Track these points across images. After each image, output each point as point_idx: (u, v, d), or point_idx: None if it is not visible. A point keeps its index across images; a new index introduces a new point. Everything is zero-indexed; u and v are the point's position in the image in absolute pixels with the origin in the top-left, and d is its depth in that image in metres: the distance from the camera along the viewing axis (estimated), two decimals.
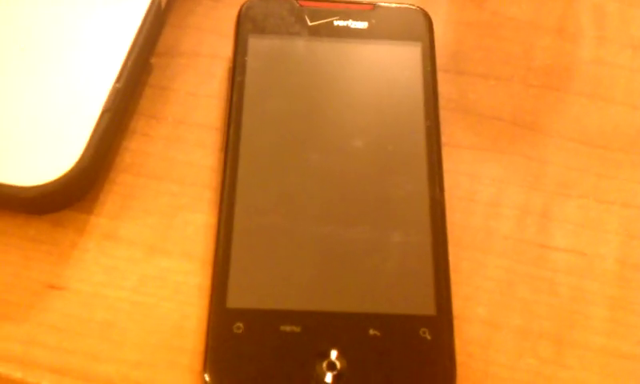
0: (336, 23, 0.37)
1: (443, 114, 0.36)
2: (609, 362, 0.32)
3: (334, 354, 0.29)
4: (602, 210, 0.35)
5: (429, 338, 0.30)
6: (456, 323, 0.31)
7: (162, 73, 0.38)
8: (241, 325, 0.30)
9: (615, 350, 0.32)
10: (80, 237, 0.33)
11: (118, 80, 0.34)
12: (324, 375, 0.29)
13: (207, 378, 0.29)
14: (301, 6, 0.37)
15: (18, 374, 0.30)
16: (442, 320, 0.30)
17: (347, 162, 0.34)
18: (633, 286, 0.33)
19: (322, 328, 0.30)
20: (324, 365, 0.29)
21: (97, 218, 0.34)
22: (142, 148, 0.36)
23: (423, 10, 0.38)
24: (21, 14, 0.36)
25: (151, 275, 0.33)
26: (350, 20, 0.37)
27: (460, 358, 0.31)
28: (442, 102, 0.37)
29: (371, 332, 0.30)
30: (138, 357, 0.31)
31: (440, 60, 0.38)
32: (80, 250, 0.33)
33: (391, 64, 0.36)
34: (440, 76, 0.37)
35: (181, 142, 0.36)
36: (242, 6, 0.37)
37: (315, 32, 0.37)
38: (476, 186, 0.36)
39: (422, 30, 0.37)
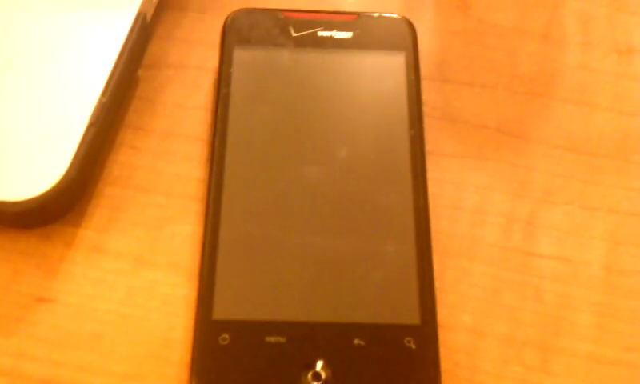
0: (320, 34, 0.37)
1: (428, 123, 0.37)
2: (595, 368, 0.32)
3: (319, 364, 0.30)
4: (587, 217, 0.35)
5: (413, 347, 0.30)
6: (441, 331, 0.31)
7: (149, 85, 0.38)
8: (227, 336, 0.30)
9: (601, 357, 0.32)
10: (68, 250, 0.34)
11: (104, 93, 0.35)
12: None
13: None
14: (285, 17, 0.38)
15: None
16: (426, 329, 0.31)
17: (332, 172, 0.34)
18: (619, 293, 0.34)
19: (308, 338, 0.30)
20: (309, 375, 0.29)
21: (85, 231, 0.34)
22: (129, 160, 0.36)
23: (407, 19, 0.38)
24: (6, 28, 0.36)
25: (139, 287, 0.33)
26: (334, 30, 0.37)
27: (446, 366, 0.31)
28: (427, 110, 0.37)
29: (356, 342, 0.30)
30: (126, 368, 0.31)
31: (425, 68, 0.39)
32: (68, 263, 0.33)
33: (375, 73, 0.36)
34: (425, 84, 0.38)
35: (168, 154, 0.36)
36: (227, 18, 0.38)
37: (300, 43, 0.37)
38: (461, 194, 0.36)
39: (406, 39, 0.37)
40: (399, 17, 0.38)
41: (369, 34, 0.37)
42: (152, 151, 0.36)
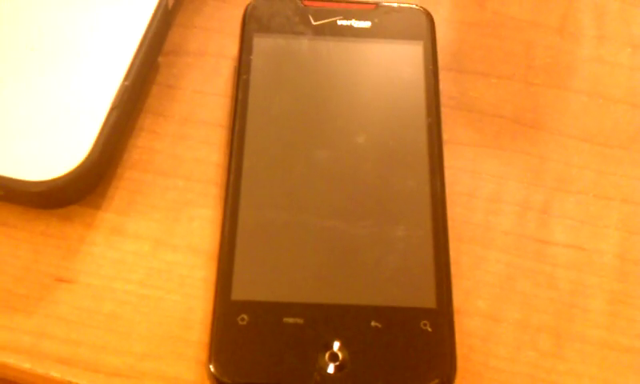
0: (339, 23, 0.38)
1: (445, 112, 0.37)
2: (608, 355, 0.32)
3: (336, 345, 0.30)
4: (601, 206, 0.36)
5: (430, 330, 0.30)
6: (456, 316, 0.32)
7: (169, 71, 0.39)
8: (245, 317, 0.30)
9: (614, 344, 0.32)
10: (88, 231, 0.34)
11: (127, 78, 0.35)
12: (326, 366, 0.29)
13: (212, 368, 0.29)
14: (305, 5, 0.38)
15: (26, 365, 0.31)
16: (442, 313, 0.31)
17: (350, 159, 0.34)
18: (632, 280, 0.34)
19: (325, 320, 0.30)
20: (326, 356, 0.30)
21: (105, 213, 0.35)
22: (149, 145, 0.37)
23: (425, 10, 0.38)
24: (31, 14, 0.37)
25: (158, 269, 0.33)
26: (353, 19, 0.38)
27: (460, 350, 0.31)
28: (443, 99, 0.37)
29: (373, 324, 0.30)
30: (145, 348, 0.32)
31: (442, 59, 0.39)
32: (88, 244, 0.34)
33: (394, 63, 0.37)
34: (442, 74, 0.38)
35: (187, 139, 0.37)
36: (247, 6, 0.38)
37: (319, 31, 0.37)
38: (477, 182, 0.36)
39: (424, 30, 0.38)
40: (417, 7, 0.38)
41: (387, 23, 0.38)
42: (171, 136, 0.37)
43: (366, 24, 0.38)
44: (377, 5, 0.38)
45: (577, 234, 0.35)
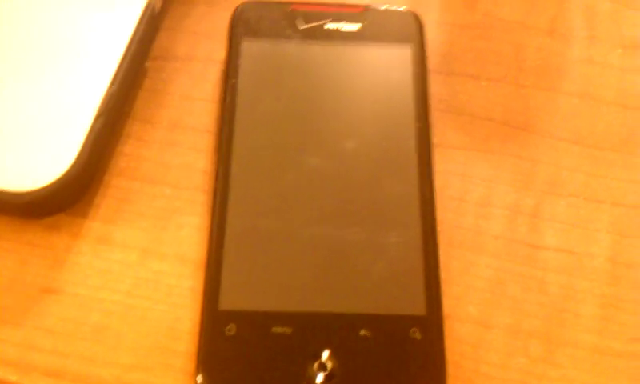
0: (327, 26, 0.37)
1: (435, 115, 0.37)
2: (599, 360, 0.32)
3: (325, 354, 0.30)
4: (592, 209, 0.35)
5: (419, 337, 0.30)
6: (447, 322, 0.31)
7: (156, 76, 0.39)
8: (233, 327, 0.30)
9: (606, 348, 0.32)
10: (75, 240, 0.34)
11: (113, 84, 0.35)
12: (315, 376, 0.29)
13: (200, 379, 0.29)
14: (293, 9, 0.38)
15: (13, 378, 0.31)
16: (432, 320, 0.31)
17: (339, 164, 0.34)
18: (623, 284, 0.34)
19: (314, 329, 0.30)
20: (315, 366, 0.29)
21: (91, 222, 0.34)
22: (136, 152, 0.36)
23: (414, 12, 0.38)
24: (15, 19, 0.37)
25: (145, 278, 0.33)
26: (342, 23, 0.37)
27: (451, 357, 0.31)
28: (433, 102, 0.37)
29: (362, 332, 0.30)
30: (132, 359, 0.31)
31: (431, 61, 0.39)
32: (75, 254, 0.33)
33: (382, 66, 0.37)
34: (431, 77, 0.38)
35: (175, 146, 0.37)
36: (235, 10, 0.38)
37: (307, 35, 0.37)
38: (467, 186, 0.36)
39: (413, 32, 0.37)
40: (406, 10, 0.38)
41: (376, 26, 0.37)
42: (159, 143, 0.37)
43: (355, 27, 0.37)
44: (365, 8, 0.38)
45: (567, 238, 0.35)
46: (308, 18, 0.37)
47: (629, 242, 0.35)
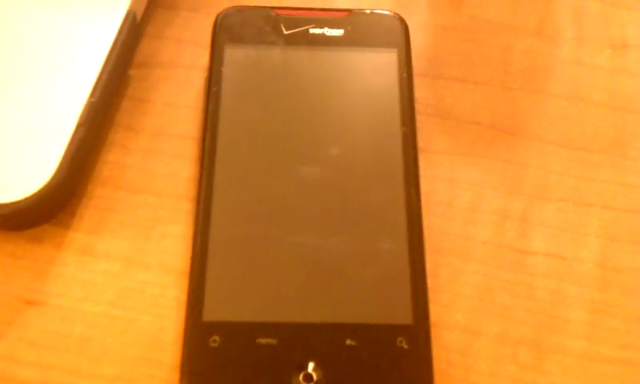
0: (312, 31, 0.37)
1: (421, 119, 0.36)
2: (589, 366, 0.32)
3: (311, 365, 0.29)
4: (581, 213, 0.35)
5: (406, 347, 0.30)
6: (435, 330, 0.31)
7: (140, 84, 0.38)
8: (217, 338, 0.30)
9: (596, 355, 0.32)
10: (58, 252, 0.33)
11: (93, 93, 0.34)
12: None
13: None
14: (276, 14, 0.37)
15: None
16: (419, 329, 0.30)
17: (323, 171, 0.34)
18: (613, 289, 0.33)
19: (299, 340, 0.30)
20: (301, 377, 0.29)
21: (75, 233, 0.34)
22: (120, 160, 0.36)
23: (399, 16, 0.38)
24: None
25: (129, 288, 0.33)
26: (326, 28, 0.37)
27: (439, 365, 0.31)
28: (419, 107, 0.37)
29: (348, 342, 0.30)
30: (117, 371, 0.31)
31: (417, 65, 0.38)
32: (58, 265, 0.33)
33: (367, 71, 0.36)
34: (417, 81, 0.37)
35: (159, 154, 0.36)
36: (218, 16, 0.37)
37: (291, 40, 0.37)
38: (454, 192, 0.35)
39: (398, 36, 0.37)
40: (391, 13, 0.38)
41: (361, 31, 0.37)
42: (143, 151, 0.36)
43: (339, 32, 0.37)
44: (350, 12, 0.38)
45: (556, 243, 0.34)
46: (292, 24, 0.37)
47: (618, 247, 0.34)
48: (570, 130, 0.37)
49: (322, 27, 0.37)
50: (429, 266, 0.32)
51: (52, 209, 0.33)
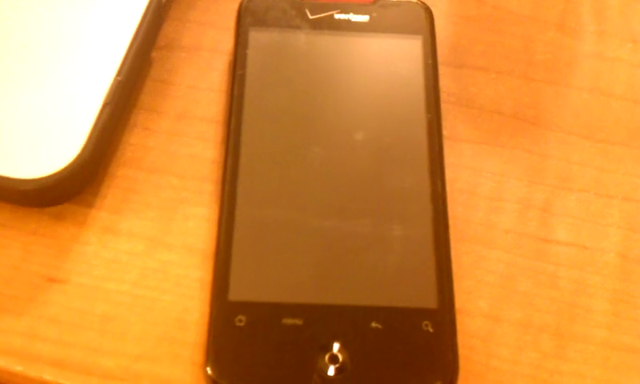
0: (337, 16, 0.37)
1: (444, 108, 0.36)
2: (610, 355, 0.32)
3: (336, 346, 0.29)
4: (603, 204, 0.35)
5: (431, 330, 0.30)
6: (458, 316, 0.31)
7: (162, 66, 0.38)
8: (243, 318, 0.30)
9: (617, 343, 0.32)
10: (80, 230, 0.33)
11: (119, 73, 0.34)
12: (326, 368, 0.29)
13: (209, 370, 0.29)
14: None
15: (18, 368, 0.30)
16: (444, 313, 0.30)
17: (348, 155, 0.34)
18: (634, 279, 0.33)
19: (324, 321, 0.30)
20: (326, 358, 0.29)
21: (97, 212, 0.34)
22: (142, 142, 0.36)
23: (424, 4, 0.38)
24: (22, 10, 0.36)
25: (152, 268, 0.33)
26: (351, 13, 0.37)
27: (462, 351, 0.30)
28: (442, 95, 0.37)
29: (373, 325, 0.30)
30: (139, 350, 0.31)
31: (441, 53, 0.38)
32: (81, 244, 0.33)
33: (392, 57, 0.36)
34: (441, 69, 0.37)
35: (181, 136, 0.36)
36: (243, 0, 0.37)
37: (316, 25, 0.37)
38: (477, 180, 0.36)
39: (423, 24, 0.37)
40: (416, 1, 0.38)
41: (385, 17, 0.37)
42: (165, 133, 0.36)
43: (364, 18, 0.37)
44: None
45: (578, 233, 0.34)
46: (317, 9, 0.37)
47: (639, 237, 0.34)
48: (591, 122, 0.38)
49: (347, 13, 0.37)
50: (452, 252, 0.32)
51: (76, 187, 0.33)
